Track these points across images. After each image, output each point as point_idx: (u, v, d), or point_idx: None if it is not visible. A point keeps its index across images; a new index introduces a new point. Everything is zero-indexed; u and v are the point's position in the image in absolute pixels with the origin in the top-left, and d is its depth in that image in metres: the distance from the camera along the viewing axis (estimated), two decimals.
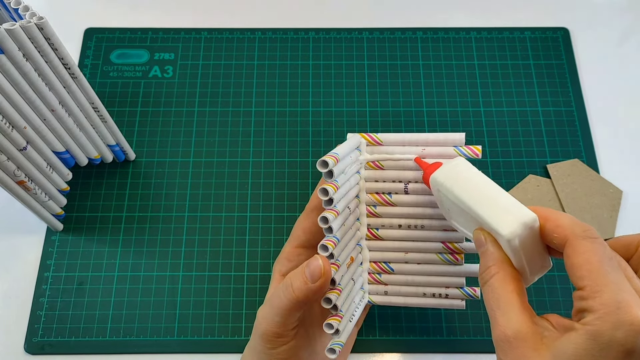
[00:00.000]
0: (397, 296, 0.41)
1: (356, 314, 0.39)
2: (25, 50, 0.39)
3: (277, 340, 0.37)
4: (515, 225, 0.30)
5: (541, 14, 0.64)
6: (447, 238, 0.39)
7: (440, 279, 0.39)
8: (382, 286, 0.41)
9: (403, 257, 0.40)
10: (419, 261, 0.40)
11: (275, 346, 0.37)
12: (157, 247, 0.52)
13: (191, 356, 0.48)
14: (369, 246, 0.41)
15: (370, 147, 0.40)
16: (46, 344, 0.48)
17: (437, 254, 0.39)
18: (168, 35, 0.62)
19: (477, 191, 0.32)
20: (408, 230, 0.40)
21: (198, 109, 0.58)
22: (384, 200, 0.40)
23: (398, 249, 0.40)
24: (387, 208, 0.40)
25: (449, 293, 0.39)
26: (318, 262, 0.35)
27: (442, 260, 0.39)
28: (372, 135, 0.40)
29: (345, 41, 0.62)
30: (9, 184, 0.45)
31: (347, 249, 0.39)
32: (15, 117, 0.42)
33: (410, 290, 0.40)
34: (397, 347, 0.48)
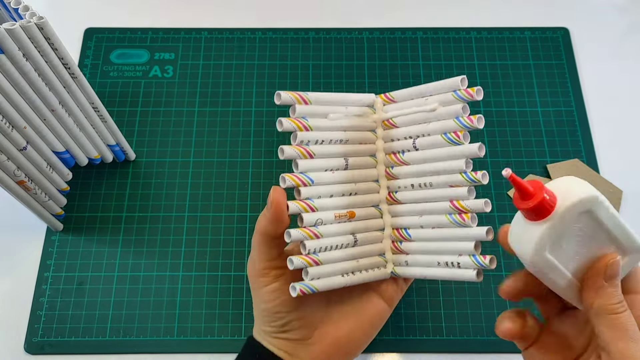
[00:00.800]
0: (416, 267, 0.40)
1: (358, 275, 0.39)
2: (25, 50, 0.39)
3: (258, 280, 0.38)
4: None
5: (541, 14, 0.64)
6: (453, 195, 0.37)
7: (452, 245, 0.38)
8: (403, 256, 0.40)
9: (418, 220, 0.39)
10: (433, 224, 0.39)
11: (259, 286, 0.38)
12: (157, 247, 0.52)
13: (191, 356, 0.48)
14: (389, 211, 0.41)
15: (386, 106, 0.41)
16: (46, 344, 0.48)
17: (446, 215, 0.38)
18: (168, 35, 0.62)
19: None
20: (420, 190, 0.39)
21: (198, 109, 0.58)
22: (397, 160, 0.40)
23: (413, 212, 0.40)
24: (401, 168, 0.40)
25: (461, 262, 0.37)
26: (271, 192, 0.36)
27: (450, 221, 0.37)
28: (387, 94, 0.40)
29: (345, 41, 0.62)
30: (9, 184, 0.45)
31: (338, 200, 0.38)
32: (15, 117, 0.42)
33: (427, 260, 0.39)
34: (397, 347, 0.48)
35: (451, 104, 0.37)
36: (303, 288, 0.36)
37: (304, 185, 0.37)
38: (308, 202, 0.37)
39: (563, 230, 0.29)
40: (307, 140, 0.37)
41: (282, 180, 0.37)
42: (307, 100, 0.38)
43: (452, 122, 0.37)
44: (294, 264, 0.36)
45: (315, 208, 0.37)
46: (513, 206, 0.55)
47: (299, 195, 0.37)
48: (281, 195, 0.36)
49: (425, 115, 0.38)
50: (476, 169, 0.36)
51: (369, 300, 0.41)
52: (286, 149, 0.37)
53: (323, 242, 0.37)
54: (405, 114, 0.39)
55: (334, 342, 0.39)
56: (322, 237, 0.37)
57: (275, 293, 0.38)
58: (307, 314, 0.39)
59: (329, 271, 0.37)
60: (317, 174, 0.38)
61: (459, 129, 0.36)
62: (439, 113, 0.38)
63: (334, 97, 0.39)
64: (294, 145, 0.37)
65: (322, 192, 0.38)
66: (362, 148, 0.40)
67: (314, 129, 0.38)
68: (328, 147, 0.38)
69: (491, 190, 0.54)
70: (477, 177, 0.36)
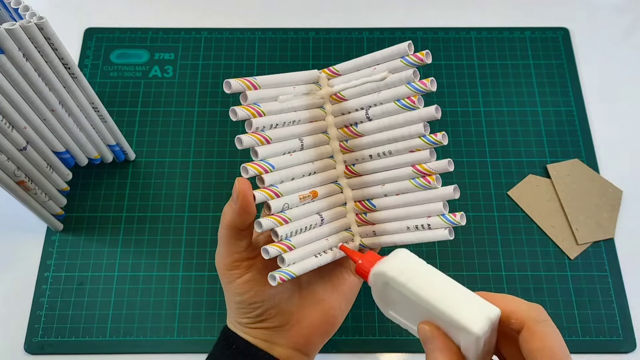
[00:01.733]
0: (385, 235, 0.40)
1: (330, 253, 0.39)
2: (25, 50, 0.39)
3: (229, 274, 0.38)
4: (484, 322, 0.29)
5: (541, 14, 0.64)
6: (415, 160, 0.38)
7: (420, 208, 0.38)
8: (369, 227, 0.40)
9: (381, 190, 0.39)
10: (396, 191, 0.39)
11: (230, 280, 0.38)
12: (157, 247, 0.52)
13: (191, 356, 0.48)
14: (349, 184, 0.41)
15: (332, 80, 0.40)
16: (46, 344, 0.48)
17: (410, 180, 0.38)
18: (168, 35, 0.62)
19: (437, 286, 0.31)
20: (379, 160, 0.39)
21: (198, 109, 0.58)
22: (351, 132, 0.39)
23: (374, 182, 0.40)
24: (356, 140, 0.39)
25: (431, 223, 0.38)
26: (235, 184, 0.36)
27: (415, 186, 0.38)
28: (330, 68, 0.40)
29: (345, 41, 0.62)
30: (9, 184, 0.45)
31: (300, 182, 0.38)
32: (15, 117, 0.42)
33: (395, 227, 0.39)
34: (397, 347, 0.48)
35: (400, 70, 0.37)
36: (282, 275, 0.36)
37: (266, 172, 0.37)
38: (272, 189, 0.37)
39: (382, 294, 0.34)
40: (262, 126, 0.37)
41: (244, 170, 0.36)
42: (256, 85, 0.37)
43: (404, 88, 0.37)
44: (270, 253, 0.36)
45: (280, 193, 0.37)
46: (512, 206, 0.56)
47: (263, 183, 0.36)
48: (247, 186, 0.36)
49: (375, 85, 0.38)
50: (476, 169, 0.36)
51: (339, 277, 0.42)
52: (244, 137, 0.36)
53: (292, 227, 0.37)
54: (354, 86, 0.39)
55: (310, 324, 0.40)
56: (290, 222, 0.37)
57: (248, 284, 0.38)
58: (282, 301, 0.39)
59: (302, 254, 0.37)
60: (276, 159, 0.37)
61: (413, 94, 0.37)
62: (390, 81, 0.37)
63: (281, 78, 0.38)
64: (250, 132, 0.36)
65: (283, 177, 0.37)
66: (313, 126, 0.40)
67: (267, 113, 0.37)
68: (282, 130, 0.38)
69: (491, 190, 0.54)
70: (437, 138, 0.36)
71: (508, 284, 0.50)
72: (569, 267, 0.51)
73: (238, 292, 0.38)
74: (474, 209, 0.53)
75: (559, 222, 0.53)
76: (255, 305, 0.38)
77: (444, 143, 0.36)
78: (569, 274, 0.51)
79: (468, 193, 0.54)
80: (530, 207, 0.53)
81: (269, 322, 0.39)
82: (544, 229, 0.52)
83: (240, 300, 0.38)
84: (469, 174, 0.55)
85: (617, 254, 0.52)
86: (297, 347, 0.40)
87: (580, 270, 0.51)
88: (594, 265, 0.51)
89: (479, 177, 0.55)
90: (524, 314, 0.30)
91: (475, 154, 0.56)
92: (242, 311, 0.39)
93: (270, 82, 0.38)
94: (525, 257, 0.51)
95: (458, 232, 0.52)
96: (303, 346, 0.40)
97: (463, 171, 0.55)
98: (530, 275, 0.51)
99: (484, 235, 0.52)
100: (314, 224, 0.39)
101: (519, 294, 0.50)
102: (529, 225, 0.53)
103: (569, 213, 0.52)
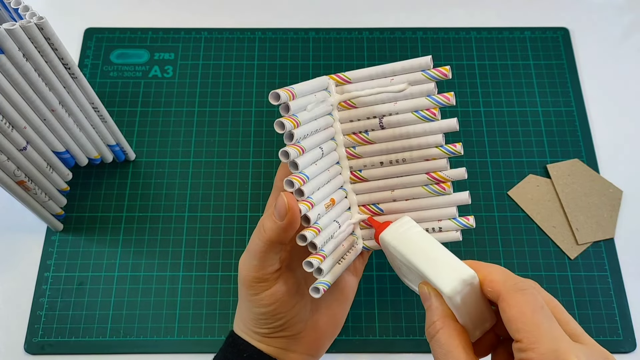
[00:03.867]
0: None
1: (347, 258, 0.39)
2: (25, 50, 0.39)
3: (258, 286, 0.38)
4: (455, 283, 0.31)
5: (541, 14, 0.64)
6: (430, 168, 0.38)
7: (431, 212, 0.39)
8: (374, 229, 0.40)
9: (390, 195, 0.40)
10: (407, 197, 0.39)
11: (258, 292, 0.38)
12: (157, 247, 0.52)
13: (191, 356, 0.48)
14: (354, 190, 0.41)
15: (341, 87, 0.40)
16: (46, 344, 0.48)
17: (423, 187, 0.39)
18: (168, 35, 0.62)
19: (420, 249, 0.34)
20: (390, 167, 0.39)
21: (198, 109, 0.58)
22: (361, 139, 0.40)
23: (384, 188, 0.40)
24: (366, 147, 0.40)
25: (442, 226, 0.39)
26: (283, 199, 0.35)
27: (429, 192, 0.38)
28: (340, 75, 0.40)
29: (345, 41, 0.62)
30: (9, 184, 0.45)
31: (323, 190, 0.38)
32: (15, 117, 0.42)
33: None
34: (397, 347, 0.48)
35: (420, 83, 0.38)
36: (323, 287, 0.36)
37: (304, 183, 0.37)
38: (309, 200, 0.37)
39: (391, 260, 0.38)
40: (297, 137, 0.37)
41: (288, 184, 0.36)
42: (294, 94, 0.37)
43: (424, 100, 0.38)
44: (314, 265, 0.36)
45: (314, 204, 0.37)
46: (513, 206, 0.56)
47: (302, 195, 0.36)
48: (294, 201, 0.35)
49: (392, 95, 0.38)
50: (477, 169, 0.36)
51: (342, 280, 0.42)
52: (290, 151, 0.36)
53: (324, 236, 0.37)
54: (368, 95, 0.39)
55: (324, 329, 0.41)
56: (322, 231, 0.37)
57: (275, 296, 0.38)
58: (300, 309, 0.39)
59: (331, 262, 0.38)
60: (309, 169, 0.37)
61: (433, 106, 0.37)
62: (409, 92, 0.38)
63: (306, 87, 0.38)
64: (289, 144, 0.36)
65: (314, 186, 0.38)
66: (327, 133, 0.40)
67: (302, 123, 0.37)
68: (310, 139, 0.38)
69: (491, 190, 0.54)
70: (455, 149, 0.38)
71: None
72: (569, 267, 0.51)
73: (264, 304, 0.38)
74: (474, 209, 0.53)
75: (559, 222, 0.53)
76: (279, 316, 0.38)
77: (461, 153, 0.38)
78: (569, 274, 0.51)
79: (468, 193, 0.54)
80: (531, 207, 0.53)
81: (288, 331, 0.39)
82: (544, 229, 0.52)
83: (265, 312, 0.38)
84: (469, 174, 0.55)
85: (617, 254, 0.52)
86: (310, 352, 0.40)
87: (580, 270, 0.51)
88: (594, 265, 0.51)
89: (479, 177, 0.55)
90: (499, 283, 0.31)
91: (476, 154, 0.56)
92: (264, 322, 0.39)
93: (301, 90, 0.38)
94: (525, 257, 0.51)
95: None
96: (315, 351, 0.41)
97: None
98: (530, 275, 0.51)
99: (484, 235, 0.52)
100: (335, 232, 0.39)
101: None
102: (530, 225, 0.53)
103: (569, 213, 0.52)
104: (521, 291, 0.30)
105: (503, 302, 0.30)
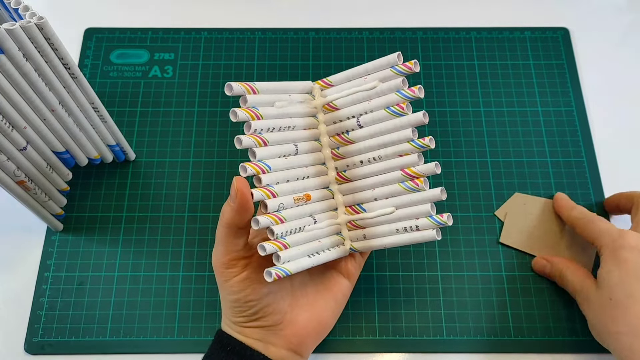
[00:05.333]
0: (375, 239, 0.41)
1: (323, 254, 0.40)
2: (25, 50, 0.39)
3: (227, 272, 0.39)
4: None
5: (541, 14, 0.64)
6: (403, 164, 0.39)
7: (408, 210, 0.40)
8: (360, 230, 0.42)
9: (371, 194, 0.41)
10: (386, 195, 0.40)
11: (227, 278, 0.39)
12: (157, 247, 0.52)
13: (192, 356, 0.48)
14: (340, 190, 0.43)
15: (325, 91, 0.42)
16: (46, 344, 0.48)
17: (399, 184, 0.40)
18: (168, 35, 0.62)
19: None
20: (369, 165, 0.41)
21: (198, 109, 0.58)
22: (342, 140, 0.42)
23: (364, 187, 0.41)
24: (347, 147, 0.42)
25: (419, 224, 0.39)
26: (234, 182, 0.37)
27: (404, 189, 0.39)
28: (324, 79, 0.42)
29: (345, 41, 0.62)
30: (9, 184, 0.45)
31: (294, 184, 0.40)
32: (15, 117, 0.42)
33: (385, 229, 0.41)
34: (397, 347, 0.48)
35: (390, 79, 0.40)
36: (278, 272, 0.37)
37: (263, 173, 0.38)
38: (269, 189, 0.38)
39: None
40: (260, 129, 0.39)
41: (242, 169, 0.37)
42: (255, 89, 0.39)
43: (394, 95, 0.40)
44: (267, 249, 0.37)
45: (276, 193, 0.39)
46: None
47: (260, 183, 0.38)
48: (244, 184, 0.37)
49: (365, 94, 0.40)
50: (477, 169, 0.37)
51: (331, 279, 0.43)
52: (243, 138, 0.38)
53: (287, 226, 0.39)
54: (345, 95, 0.41)
55: (304, 325, 0.41)
56: (285, 221, 0.39)
57: (245, 282, 0.39)
58: (276, 300, 0.40)
59: (297, 253, 0.39)
60: (273, 161, 0.39)
61: (402, 101, 0.39)
62: (380, 89, 0.40)
63: (278, 86, 0.41)
64: (248, 134, 0.38)
65: (279, 178, 0.39)
66: (307, 133, 0.42)
67: (264, 117, 0.39)
68: (279, 134, 0.40)
69: (491, 190, 0.54)
70: (425, 142, 0.39)
71: (509, 284, 0.50)
72: None
73: (234, 290, 0.39)
74: (474, 209, 0.53)
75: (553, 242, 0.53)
76: (250, 303, 0.39)
77: (432, 147, 0.39)
78: None
79: (468, 193, 0.54)
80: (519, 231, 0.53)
81: (263, 320, 0.40)
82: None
83: (236, 299, 0.39)
84: (469, 174, 0.55)
85: None
86: (290, 347, 0.41)
87: None
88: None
89: (479, 177, 0.55)
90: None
91: (476, 154, 0.56)
92: (237, 310, 0.40)
93: (268, 88, 0.40)
94: (525, 257, 0.51)
95: (459, 232, 0.52)
96: (297, 346, 0.41)
97: (463, 171, 0.55)
98: (530, 276, 0.51)
99: (484, 235, 0.52)
100: (307, 226, 0.40)
101: (519, 294, 0.50)
102: None
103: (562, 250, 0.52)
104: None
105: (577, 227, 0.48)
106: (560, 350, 0.48)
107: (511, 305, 0.49)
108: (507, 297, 0.50)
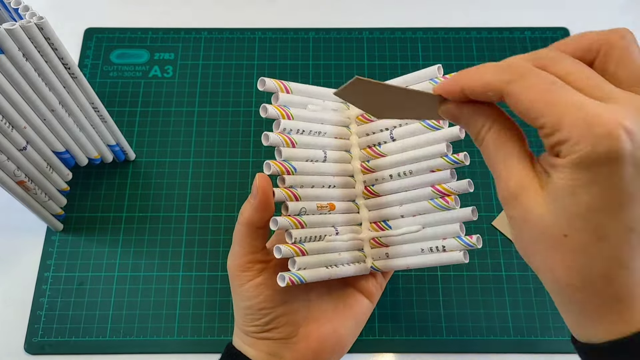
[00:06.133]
0: (398, 258, 0.40)
1: (342, 268, 0.38)
2: (25, 50, 0.39)
3: (242, 275, 0.37)
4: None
5: (541, 14, 0.64)
6: (435, 180, 0.38)
7: (436, 230, 0.38)
8: (383, 248, 0.40)
9: (398, 210, 0.39)
10: (413, 213, 0.39)
11: (242, 282, 0.37)
12: (157, 247, 0.52)
13: (191, 356, 0.48)
14: (366, 205, 0.41)
15: None
16: (46, 344, 0.48)
17: (429, 201, 0.38)
18: (168, 35, 0.62)
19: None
20: (398, 179, 0.39)
21: (198, 109, 0.58)
22: (374, 152, 0.40)
23: (392, 203, 0.40)
24: (378, 160, 0.40)
25: (446, 245, 0.37)
26: (256, 179, 0.36)
27: (433, 206, 0.38)
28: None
29: (345, 41, 0.62)
30: (9, 184, 0.45)
31: (319, 191, 0.38)
32: (15, 117, 0.42)
33: (409, 249, 0.39)
34: (397, 347, 0.48)
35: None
36: (292, 277, 0.35)
37: (288, 173, 0.37)
38: (292, 190, 0.37)
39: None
40: (289, 129, 0.37)
41: (266, 166, 0.36)
42: (289, 89, 0.38)
43: None
44: (282, 252, 0.35)
45: (299, 197, 0.37)
46: None
47: (283, 183, 0.37)
48: (267, 182, 0.36)
49: None
50: (477, 169, 0.36)
51: (349, 297, 0.41)
52: (271, 135, 0.36)
53: (307, 232, 0.37)
54: None
55: (318, 340, 0.39)
56: (306, 227, 0.37)
57: (259, 288, 0.37)
58: (291, 310, 0.38)
59: (314, 262, 0.37)
60: (299, 164, 0.37)
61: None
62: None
63: (313, 90, 0.39)
64: (276, 132, 0.37)
65: (304, 182, 0.37)
66: (338, 142, 0.40)
67: (295, 118, 0.37)
68: (308, 137, 0.38)
69: (491, 190, 0.54)
70: (459, 158, 0.37)
71: (508, 284, 0.50)
72: None
73: (248, 296, 0.37)
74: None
75: None
76: (264, 311, 0.37)
77: (466, 163, 0.37)
78: None
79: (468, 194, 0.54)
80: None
81: (276, 331, 0.38)
82: None
83: (249, 305, 0.38)
84: (469, 174, 0.55)
85: None
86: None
87: None
88: None
89: (479, 177, 0.55)
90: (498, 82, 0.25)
91: (476, 154, 0.56)
92: (250, 317, 0.38)
93: (302, 90, 0.38)
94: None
95: None
96: None
97: (463, 171, 0.55)
98: (530, 275, 0.51)
99: (484, 235, 0.52)
100: (328, 235, 0.38)
101: (519, 294, 0.50)
102: None
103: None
104: (522, 78, 0.25)
105: (509, 99, 0.26)
106: (560, 350, 0.48)
107: (511, 305, 0.49)
108: (506, 297, 0.50)
